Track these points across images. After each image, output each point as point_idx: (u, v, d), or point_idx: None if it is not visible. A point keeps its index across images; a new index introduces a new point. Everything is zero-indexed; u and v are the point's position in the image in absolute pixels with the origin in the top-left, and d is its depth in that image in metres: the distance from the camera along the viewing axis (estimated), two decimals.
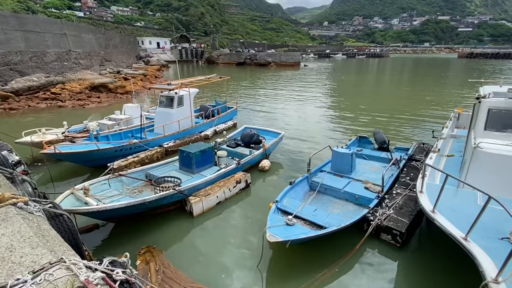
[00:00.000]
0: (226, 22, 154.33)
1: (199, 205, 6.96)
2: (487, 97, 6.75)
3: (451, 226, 4.24)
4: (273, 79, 39.98)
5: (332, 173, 8.11)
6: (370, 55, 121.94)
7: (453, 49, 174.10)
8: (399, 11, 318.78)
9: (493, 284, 3.18)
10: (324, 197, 7.36)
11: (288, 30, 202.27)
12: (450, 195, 5.21)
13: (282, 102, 22.59)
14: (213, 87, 27.42)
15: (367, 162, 9.13)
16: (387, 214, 6.18)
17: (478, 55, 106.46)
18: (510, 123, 6.25)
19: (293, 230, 5.25)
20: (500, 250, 3.59)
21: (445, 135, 8.95)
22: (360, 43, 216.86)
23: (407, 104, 21.71)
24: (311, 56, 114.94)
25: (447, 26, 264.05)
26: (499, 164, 5.65)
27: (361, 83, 37.21)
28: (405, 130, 14.48)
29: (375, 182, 7.32)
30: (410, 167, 8.56)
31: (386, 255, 5.67)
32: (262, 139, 10.41)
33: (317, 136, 13.53)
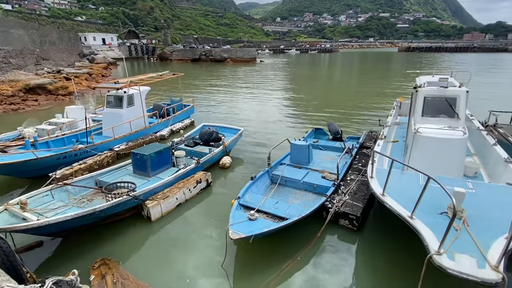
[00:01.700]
0: (177, 17, 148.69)
1: (157, 209, 6.62)
2: (422, 86, 7.45)
3: (398, 206, 4.60)
4: (230, 75, 39.69)
5: (292, 165, 8.31)
6: (322, 50, 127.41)
7: (394, 44, 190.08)
8: (345, 8, 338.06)
9: (436, 256, 3.51)
10: (285, 189, 7.51)
11: (242, 25, 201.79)
12: (396, 178, 5.65)
13: (241, 98, 22.55)
14: (167, 85, 26.28)
15: (323, 152, 9.54)
16: (343, 200, 6.52)
17: (415, 49, 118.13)
18: (442, 109, 6.98)
19: (256, 224, 5.26)
20: (441, 224, 3.97)
21: (390, 123, 9.73)
22: (311, 39, 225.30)
23: (357, 96, 23.17)
24: (267, 52, 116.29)
25: (387, 22, 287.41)
26: (435, 146, 6.30)
27: (315, 77, 38.74)
28: (356, 120, 15.42)
29: (331, 171, 7.67)
30: (362, 154, 9.15)
31: (345, 239, 5.98)
32: (222, 136, 10.27)
33: (276, 130, 13.77)
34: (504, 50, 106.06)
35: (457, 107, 6.84)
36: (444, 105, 6.98)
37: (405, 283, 4.52)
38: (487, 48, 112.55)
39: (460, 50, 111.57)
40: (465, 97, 6.88)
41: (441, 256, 3.50)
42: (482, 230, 3.98)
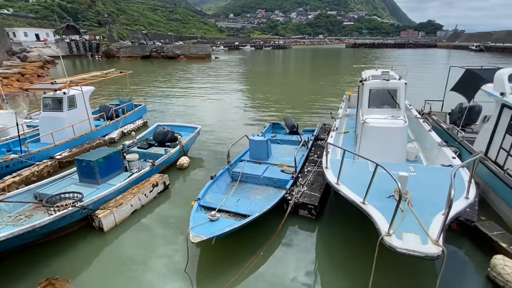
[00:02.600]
0: (123, 11, 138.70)
1: (110, 218, 6.12)
2: (367, 80, 7.98)
3: (351, 193, 4.87)
4: (184, 72, 38.40)
5: (251, 161, 8.33)
6: (275, 46, 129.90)
7: (342, 40, 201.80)
8: (295, 5, 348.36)
9: (386, 237, 3.79)
10: (246, 185, 7.50)
11: (194, 21, 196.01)
12: (349, 166, 5.97)
13: (198, 96, 21.95)
14: (115, 84, 24.49)
15: (281, 146, 9.73)
16: (301, 191, 6.73)
17: (360, 45, 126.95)
18: (385, 100, 7.56)
19: (218, 225, 5.15)
20: (389, 207, 4.27)
21: (341, 115, 10.28)
22: (265, 36, 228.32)
23: (310, 90, 24.10)
24: (221, 48, 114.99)
25: (335, 20, 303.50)
26: (381, 135, 6.79)
27: (271, 73, 39.38)
28: (310, 113, 16.03)
29: (289, 164, 7.85)
30: (317, 146, 9.54)
31: (305, 229, 6.18)
32: (178, 136, 9.87)
33: (235, 127, 13.69)
34: (434, 46, 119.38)
35: (398, 98, 7.45)
36: (387, 97, 7.56)
37: (361, 265, 4.80)
38: (420, 44, 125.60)
39: (398, 46, 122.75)
40: (404, 88, 7.52)
41: (391, 236, 3.78)
42: (424, 209, 4.40)
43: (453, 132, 8.62)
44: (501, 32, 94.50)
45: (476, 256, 5.20)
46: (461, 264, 5.09)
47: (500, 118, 6.82)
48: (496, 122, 6.94)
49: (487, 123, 7.42)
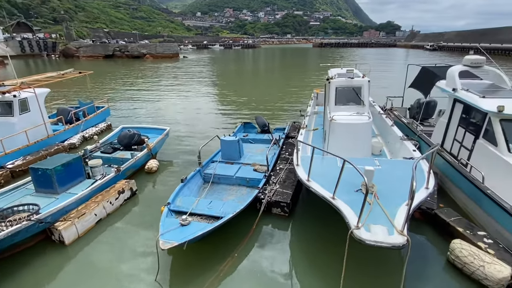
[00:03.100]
0: (82, 8, 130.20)
1: (72, 230, 5.69)
2: (334, 78, 8.22)
3: (322, 189, 4.97)
4: (151, 72, 37.02)
5: (223, 162, 8.21)
6: (245, 46, 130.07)
7: (309, 40, 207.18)
8: (263, 5, 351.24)
9: (356, 230, 3.90)
10: (218, 186, 7.37)
11: (160, 19, 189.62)
12: (319, 163, 6.10)
13: (166, 97, 21.26)
14: (74, 86, 22.92)
15: (253, 145, 9.72)
16: (274, 189, 6.76)
17: (326, 45, 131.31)
18: (351, 98, 7.84)
19: (189, 229, 4.99)
20: (357, 201, 4.41)
21: (309, 113, 10.52)
22: (234, 35, 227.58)
23: (280, 89, 24.41)
24: (190, 47, 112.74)
25: (301, 20, 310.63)
26: (347, 131, 7.03)
27: (242, 72, 39.31)
28: (281, 112, 16.23)
29: (262, 163, 7.85)
30: (288, 144, 9.66)
31: (279, 227, 6.22)
32: (145, 139, 9.47)
33: (206, 128, 13.44)
34: (394, 45, 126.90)
35: (362, 95, 7.76)
36: (352, 94, 7.85)
37: (334, 258, 4.91)
38: (381, 44, 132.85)
39: (362, 45, 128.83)
40: (367, 86, 7.85)
41: (360, 230, 3.91)
42: (389, 201, 4.60)
43: (412, 126, 9.18)
44: (452, 32, 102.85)
45: (437, 242, 5.57)
46: (424, 250, 5.42)
47: (453, 112, 7.38)
48: (449, 115, 7.50)
49: (442, 117, 7.99)
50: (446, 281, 4.75)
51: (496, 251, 4.76)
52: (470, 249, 4.76)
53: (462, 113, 7.02)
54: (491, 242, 4.96)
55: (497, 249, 4.80)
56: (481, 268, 4.47)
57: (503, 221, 5.00)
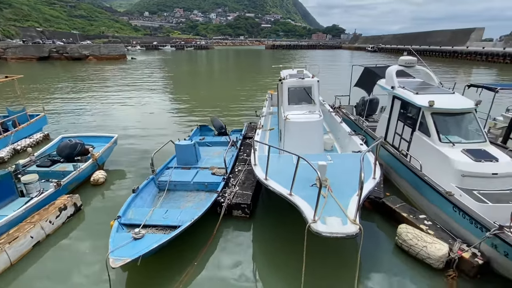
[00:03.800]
0: (8, 4, 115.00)
1: (2, 258, 4.92)
2: (285, 78, 8.43)
3: (279, 187, 5.03)
4: (96, 75, 34.19)
5: (179, 168, 7.89)
6: (198, 47, 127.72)
7: (261, 42, 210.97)
8: (214, 6, 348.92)
9: (313, 224, 4.01)
10: (175, 194, 7.05)
11: (103, 18, 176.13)
12: (275, 161, 6.17)
13: (113, 101, 19.78)
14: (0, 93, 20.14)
15: (210, 148, 9.52)
16: (234, 192, 6.68)
17: (278, 47, 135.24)
18: (302, 97, 8.10)
19: (143, 242, 4.65)
20: (313, 195, 4.52)
21: (265, 113, 10.66)
22: (186, 36, 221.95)
23: (236, 90, 24.41)
24: (138, 48, 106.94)
25: (253, 22, 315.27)
26: (301, 129, 7.25)
27: (196, 74, 38.39)
28: (238, 113, 16.21)
29: (220, 166, 7.72)
30: (246, 144, 9.66)
31: (240, 229, 6.15)
32: (90, 148, 8.65)
33: (160, 133, 12.80)
34: (340, 47, 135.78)
35: (313, 95, 8.09)
36: (303, 94, 8.12)
37: (294, 256, 4.97)
38: (329, 46, 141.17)
39: (311, 47, 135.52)
40: (317, 85, 8.20)
41: (317, 223, 4.03)
42: (342, 193, 4.84)
43: (359, 122, 9.85)
44: (389, 36, 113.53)
45: (386, 228, 6.03)
46: (375, 237, 5.82)
47: (393, 107, 8.08)
48: (390, 111, 8.20)
49: (384, 113, 8.70)
50: (395, 264, 5.15)
51: (435, 231, 5.31)
52: (414, 232, 5.23)
53: (400, 109, 7.72)
54: (430, 224, 5.52)
55: (436, 230, 5.36)
56: (424, 249, 4.94)
57: (439, 203, 5.60)
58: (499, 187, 5.46)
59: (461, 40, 66.69)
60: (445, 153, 5.92)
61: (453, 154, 5.85)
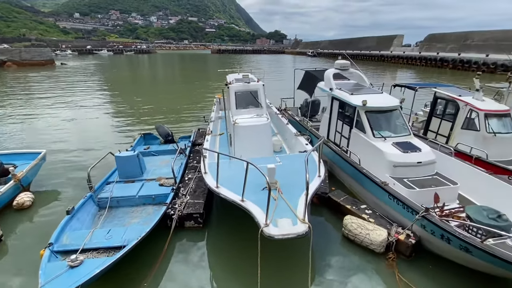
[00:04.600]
0: None
1: None
2: (232, 83, 8.44)
3: (231, 194, 4.97)
4: (17, 83, 29.83)
5: (122, 181, 7.29)
6: (138, 51, 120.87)
7: (207, 46, 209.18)
8: (154, 9, 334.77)
9: (265, 228, 4.04)
10: (118, 211, 6.48)
11: (24, 19, 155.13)
12: (226, 168, 6.10)
13: (41, 112, 17.47)
14: None
15: (157, 158, 9.02)
16: (185, 202, 6.41)
17: (224, 51, 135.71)
18: (249, 101, 8.21)
19: (82, 270, 4.14)
20: (264, 199, 4.56)
21: (213, 118, 10.53)
22: (125, 39, 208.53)
23: (183, 96, 23.67)
24: (69, 53, 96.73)
25: (197, 26, 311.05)
26: (250, 133, 7.32)
27: (138, 80, 36.16)
28: (185, 119, 15.71)
29: (168, 176, 7.34)
30: (195, 151, 9.39)
31: (194, 240, 5.92)
32: (10, 167, 7.47)
33: (98, 145, 11.68)
34: (283, 52, 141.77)
35: (259, 98, 8.25)
36: (250, 98, 8.23)
37: (249, 262, 4.86)
38: (273, 51, 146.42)
39: (256, 52, 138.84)
40: (263, 89, 8.39)
41: (269, 226, 4.07)
42: (291, 193, 4.99)
43: (303, 123, 10.35)
44: (326, 41, 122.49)
45: (333, 221, 6.40)
46: (324, 231, 6.14)
47: (332, 108, 8.68)
48: (330, 111, 8.79)
49: (325, 113, 9.29)
50: (344, 254, 5.50)
51: (375, 219, 5.82)
52: (358, 221, 5.66)
53: (339, 108, 8.32)
54: (371, 212, 6.04)
55: (376, 217, 5.87)
56: (367, 236, 5.37)
57: (377, 193, 6.15)
58: (423, 174, 6.24)
59: (386, 45, 75.22)
60: (378, 147, 6.55)
61: (385, 148, 6.50)
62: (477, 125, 7.86)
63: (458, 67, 45.82)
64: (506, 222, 4.51)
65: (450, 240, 4.49)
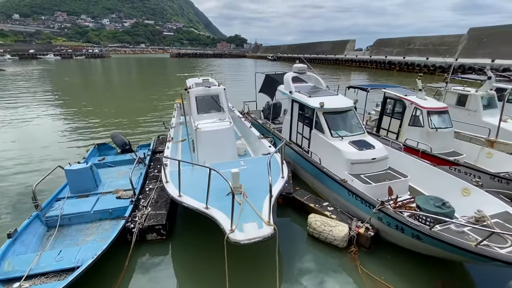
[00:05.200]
0: None
1: None
2: (192, 87, 8.26)
3: (195, 202, 4.83)
4: None
5: (74, 197, 6.71)
6: (90, 55, 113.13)
7: (165, 50, 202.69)
8: (106, 11, 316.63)
9: (230, 234, 3.99)
10: (71, 229, 5.93)
11: None
12: (189, 175, 5.93)
13: None
14: None
15: (113, 169, 8.46)
16: (145, 214, 6.08)
17: (184, 55, 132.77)
18: (211, 105, 8.11)
19: None
20: (229, 204, 4.51)
21: (174, 124, 10.20)
22: (74, 43, 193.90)
23: (141, 102, 22.59)
24: (8, 58, 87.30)
25: (154, 29, 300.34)
26: (213, 137, 7.22)
27: (91, 86, 33.67)
28: (144, 127, 15.00)
29: (126, 187, 6.92)
30: (156, 160, 8.99)
31: (158, 253, 5.63)
32: None
33: (46, 158, 10.63)
34: (244, 56, 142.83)
35: (221, 102, 8.18)
36: (211, 102, 8.13)
37: (217, 271, 4.76)
38: (234, 54, 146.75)
39: (217, 56, 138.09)
40: (224, 93, 8.34)
41: (234, 232, 4.03)
42: (256, 196, 5.00)
43: (266, 125, 10.49)
44: (285, 46, 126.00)
45: (298, 220, 6.54)
46: (290, 230, 6.25)
47: (293, 110, 8.92)
48: (291, 113, 9.02)
49: (286, 115, 9.51)
50: (310, 252, 5.63)
51: (337, 215, 6.07)
52: (321, 219, 5.85)
53: (299, 110, 8.58)
54: (332, 209, 6.29)
55: (337, 213, 6.13)
56: (331, 232, 5.57)
57: (337, 190, 6.43)
58: (377, 169, 6.67)
59: (340, 49, 79.75)
60: (336, 146, 6.87)
61: (343, 146, 6.84)
62: (421, 122, 8.64)
63: (404, 69, 50.19)
64: (450, 209, 4.99)
65: (403, 229, 4.84)
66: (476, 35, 46.58)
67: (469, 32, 48.22)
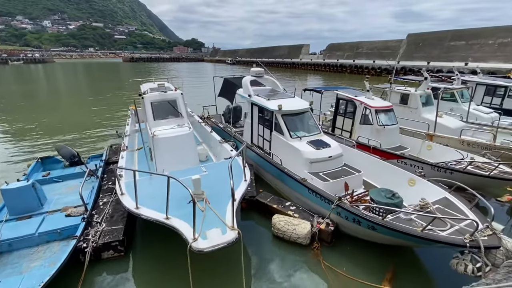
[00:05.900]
0: None
1: None
2: (146, 93, 7.90)
3: (154, 213, 4.61)
4: None
5: (14, 219, 5.98)
6: (29, 60, 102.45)
7: (117, 54, 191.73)
8: (47, 12, 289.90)
9: (193, 243, 3.87)
10: (12, 256, 5.27)
11: None
12: (147, 185, 5.65)
13: None
14: None
15: (61, 184, 7.73)
16: (100, 230, 5.65)
17: (138, 59, 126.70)
18: (168, 111, 7.83)
19: None
20: (191, 212, 4.39)
21: (129, 132, 9.66)
22: (9, 46, 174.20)
23: (91, 110, 21.00)
24: None
25: (104, 32, 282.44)
26: (171, 144, 6.97)
27: (31, 94, 30.32)
28: (95, 136, 13.96)
29: (76, 204, 6.36)
30: (109, 171, 8.40)
31: (115, 271, 5.25)
32: None
33: None
34: (202, 60, 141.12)
35: (179, 107, 7.95)
36: (168, 107, 7.85)
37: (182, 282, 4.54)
38: (192, 58, 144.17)
39: (174, 60, 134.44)
40: (181, 98, 8.12)
41: (198, 240, 3.92)
42: (219, 201, 4.93)
43: (227, 129, 10.45)
44: (243, 50, 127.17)
45: (263, 222, 6.59)
46: (255, 233, 6.27)
47: (253, 113, 9.00)
48: (251, 116, 9.10)
49: (247, 119, 9.57)
50: (275, 252, 5.71)
51: (299, 213, 6.25)
52: (284, 219, 5.97)
53: (259, 113, 8.69)
54: (295, 208, 6.46)
55: (299, 212, 6.31)
56: (294, 231, 5.71)
57: (298, 189, 6.63)
58: (334, 167, 7.02)
59: (295, 54, 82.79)
60: (296, 147, 7.09)
61: (301, 146, 7.07)
62: (370, 120, 9.32)
63: (354, 71, 53.79)
64: (399, 199, 5.44)
65: (360, 222, 5.15)
66: (413, 40, 51.81)
67: (407, 38, 53.41)
